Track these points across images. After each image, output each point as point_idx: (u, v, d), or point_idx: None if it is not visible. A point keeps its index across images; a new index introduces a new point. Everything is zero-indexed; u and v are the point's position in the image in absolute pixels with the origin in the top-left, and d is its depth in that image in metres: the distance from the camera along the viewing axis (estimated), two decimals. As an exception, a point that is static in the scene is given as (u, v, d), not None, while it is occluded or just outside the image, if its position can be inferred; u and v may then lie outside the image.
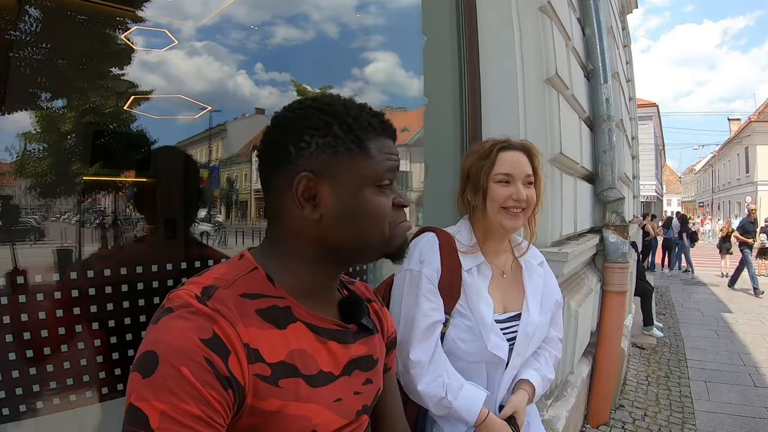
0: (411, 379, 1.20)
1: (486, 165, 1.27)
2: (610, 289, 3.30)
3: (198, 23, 1.78)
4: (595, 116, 3.41)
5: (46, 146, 1.33)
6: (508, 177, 1.26)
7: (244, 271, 0.74)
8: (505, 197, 1.25)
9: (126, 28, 1.50)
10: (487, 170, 1.27)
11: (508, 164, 1.27)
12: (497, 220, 1.27)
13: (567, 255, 2.25)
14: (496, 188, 1.27)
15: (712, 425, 3.41)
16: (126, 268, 1.27)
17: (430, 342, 1.21)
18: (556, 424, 2.33)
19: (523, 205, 1.26)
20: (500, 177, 1.26)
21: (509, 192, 1.25)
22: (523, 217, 1.28)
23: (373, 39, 2.48)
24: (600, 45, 3.36)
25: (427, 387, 1.19)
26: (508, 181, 1.26)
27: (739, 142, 28.42)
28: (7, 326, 1.09)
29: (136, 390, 0.61)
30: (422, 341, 1.20)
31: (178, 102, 1.67)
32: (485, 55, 2.28)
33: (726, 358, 5.01)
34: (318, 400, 0.73)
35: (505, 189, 1.26)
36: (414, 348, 1.20)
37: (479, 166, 1.29)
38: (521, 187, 1.26)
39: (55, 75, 1.36)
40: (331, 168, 0.73)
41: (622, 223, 3.35)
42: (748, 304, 8.13)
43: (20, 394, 1.10)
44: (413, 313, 1.21)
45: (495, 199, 1.26)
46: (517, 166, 1.27)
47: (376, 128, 0.76)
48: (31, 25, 1.29)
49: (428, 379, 1.20)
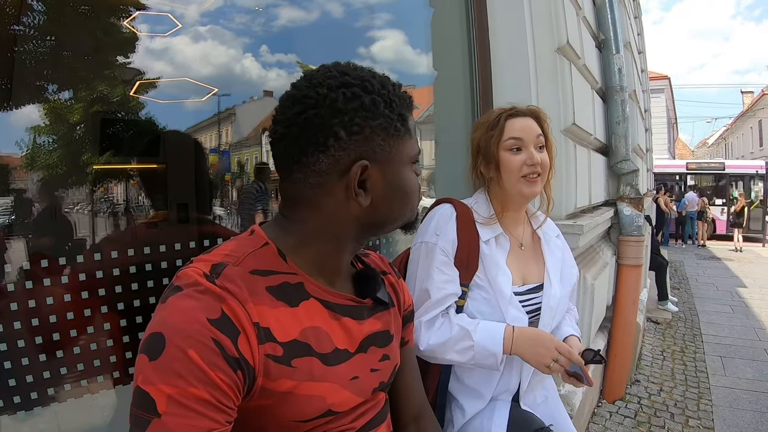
0: (423, 340, 1.18)
1: (495, 134, 1.26)
2: (626, 263, 3.27)
3: (202, 7, 1.75)
4: (607, 87, 3.35)
5: (56, 138, 1.32)
6: (518, 142, 1.24)
7: (254, 247, 0.72)
8: (519, 165, 1.24)
9: (129, 15, 1.48)
10: (496, 139, 1.25)
11: (517, 130, 1.25)
12: (516, 189, 1.25)
13: (582, 227, 2.22)
14: (509, 157, 1.25)
15: (729, 400, 3.39)
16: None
17: (434, 312, 1.20)
18: (573, 400, 2.33)
19: (539, 169, 1.24)
20: (510, 143, 1.25)
21: (522, 158, 1.24)
22: (541, 182, 1.26)
23: (378, 17, 2.44)
24: (611, 14, 3.29)
25: (441, 337, 1.18)
26: (519, 147, 1.24)
27: (753, 115, 27.85)
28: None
29: (143, 372, 0.59)
30: (427, 311, 1.20)
31: (185, 86, 1.66)
32: (495, 25, 2.23)
33: (741, 333, 4.97)
34: (333, 379, 0.72)
35: (517, 156, 1.24)
36: (417, 316, 1.19)
37: (488, 137, 1.27)
38: (534, 151, 1.24)
39: (60, 67, 1.35)
40: (384, 152, 0.71)
41: (636, 196, 3.31)
42: (763, 278, 8.04)
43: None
44: (426, 286, 1.20)
45: (510, 169, 1.25)
46: (527, 130, 1.25)
47: (408, 103, 0.75)
48: (34, 19, 1.28)
49: (440, 333, 1.18)
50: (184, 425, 0.58)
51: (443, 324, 1.20)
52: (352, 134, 0.68)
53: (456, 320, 1.20)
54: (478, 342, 1.16)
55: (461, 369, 1.27)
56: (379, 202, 0.72)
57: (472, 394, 1.26)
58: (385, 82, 0.73)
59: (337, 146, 0.68)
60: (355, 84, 0.69)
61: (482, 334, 1.17)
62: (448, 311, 1.21)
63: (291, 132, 0.69)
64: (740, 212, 11.76)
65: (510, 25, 2.23)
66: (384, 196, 0.73)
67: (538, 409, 1.32)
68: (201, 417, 0.59)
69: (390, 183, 0.73)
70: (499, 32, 2.23)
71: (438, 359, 1.21)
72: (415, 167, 0.78)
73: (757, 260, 10.11)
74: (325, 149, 0.68)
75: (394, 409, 0.91)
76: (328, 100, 0.68)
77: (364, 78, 0.71)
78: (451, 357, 1.19)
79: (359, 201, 0.71)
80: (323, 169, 0.69)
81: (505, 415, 1.22)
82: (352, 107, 0.68)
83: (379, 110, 0.69)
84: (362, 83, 0.70)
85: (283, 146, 0.71)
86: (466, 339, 1.17)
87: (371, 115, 0.69)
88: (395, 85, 0.74)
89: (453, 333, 1.17)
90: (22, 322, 1.09)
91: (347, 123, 0.68)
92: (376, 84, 0.71)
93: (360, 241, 0.80)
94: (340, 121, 0.68)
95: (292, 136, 0.69)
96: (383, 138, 0.71)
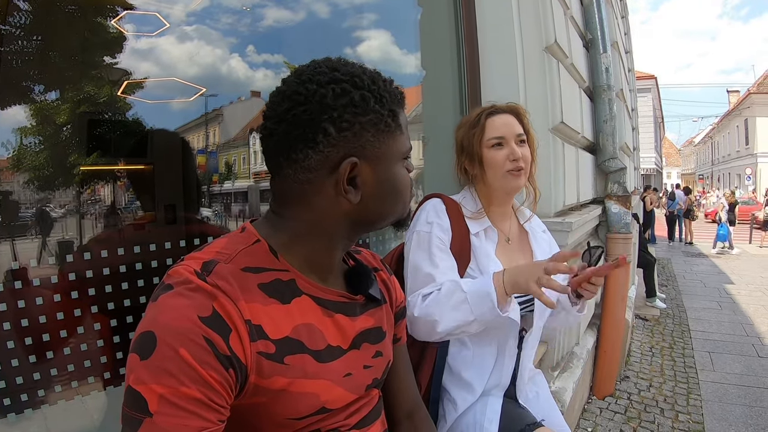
0: (418, 306, 1.16)
1: (477, 132, 1.30)
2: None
3: (188, 7, 1.74)
4: (595, 86, 3.38)
5: (42, 139, 1.31)
6: (500, 139, 1.28)
7: (246, 244, 0.71)
8: (502, 160, 1.27)
9: (116, 14, 1.47)
10: (478, 138, 1.29)
11: (497, 127, 1.29)
12: (500, 184, 1.29)
13: (571, 225, 2.24)
14: (491, 153, 1.29)
15: (718, 395, 3.43)
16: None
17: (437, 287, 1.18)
18: (563, 396, 2.34)
19: (521, 164, 1.27)
20: (493, 141, 1.29)
21: (505, 154, 1.27)
22: (524, 175, 1.30)
23: (367, 16, 2.44)
24: (599, 14, 3.32)
25: (433, 300, 1.15)
26: (501, 143, 1.28)
27: (739, 114, 28.27)
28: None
29: (134, 372, 0.59)
30: (430, 287, 1.19)
31: (172, 86, 1.65)
32: (483, 24, 2.25)
33: (729, 328, 5.03)
34: (326, 376, 0.72)
35: (499, 152, 1.28)
36: (423, 290, 1.18)
37: (470, 135, 1.31)
38: (515, 146, 1.28)
39: (47, 67, 1.33)
40: (374, 148, 0.71)
41: (624, 194, 3.35)
42: (750, 275, 8.14)
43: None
44: (429, 271, 1.20)
45: (493, 165, 1.28)
46: (507, 127, 1.29)
47: (399, 99, 0.74)
48: (20, 18, 1.26)
49: (431, 297, 1.16)
50: (176, 425, 0.57)
51: (432, 291, 1.18)
52: (341, 130, 0.68)
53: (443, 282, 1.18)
54: (469, 290, 1.12)
55: (455, 360, 1.28)
56: (369, 199, 0.72)
57: (464, 387, 1.26)
58: (376, 78, 0.72)
59: (326, 142, 0.68)
60: (345, 80, 0.69)
61: (471, 284, 1.14)
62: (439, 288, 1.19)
63: (280, 128, 0.69)
64: (731, 209, 12.00)
65: (498, 24, 2.25)
66: (374, 193, 0.72)
67: (530, 404, 1.34)
68: (193, 416, 0.58)
69: (380, 179, 0.72)
70: (488, 31, 2.25)
71: (438, 323, 1.14)
72: (407, 163, 0.77)
73: (744, 257, 10.24)
74: (314, 145, 0.68)
75: (387, 405, 0.92)
76: (317, 96, 0.67)
77: (354, 74, 0.70)
78: (449, 316, 1.13)
79: (349, 198, 0.70)
80: (312, 166, 0.69)
81: (497, 409, 1.23)
82: (341, 103, 0.67)
83: (369, 106, 0.69)
84: (352, 79, 0.69)
85: (272, 142, 0.71)
86: (457, 291, 1.13)
87: (360, 110, 0.68)
88: (386, 81, 0.73)
89: (442, 291, 1.15)
90: (12, 324, 1.07)
91: (336, 119, 0.67)
92: (366, 80, 0.70)
93: (351, 238, 0.79)
94: (329, 117, 0.67)
95: (282, 132, 0.69)
96: (373, 134, 0.70)
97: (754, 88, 26.30)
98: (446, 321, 1.13)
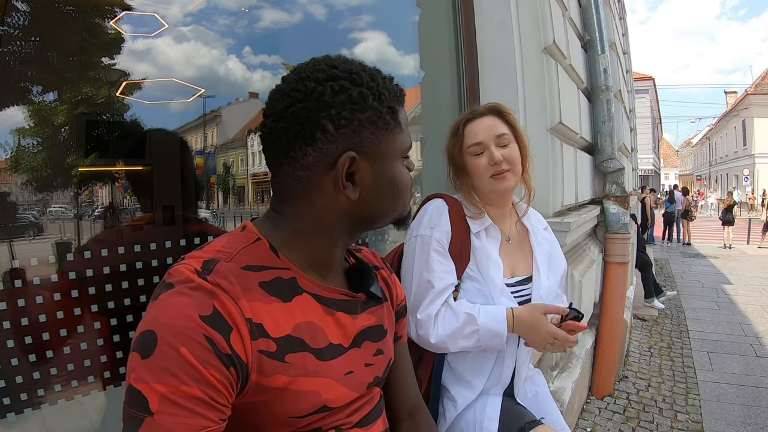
0: (425, 336, 1.20)
1: (457, 143, 1.31)
2: (612, 260, 3.31)
3: (186, 8, 1.74)
4: (593, 87, 3.39)
5: (41, 140, 1.30)
6: (479, 146, 1.27)
7: (246, 243, 0.71)
8: (484, 167, 1.27)
9: (114, 15, 1.47)
10: (459, 147, 1.30)
11: (475, 134, 1.28)
12: (488, 189, 1.29)
13: (569, 225, 2.24)
14: (473, 161, 1.29)
15: (716, 395, 3.44)
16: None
17: (438, 302, 1.21)
18: (562, 396, 2.35)
19: (504, 166, 1.26)
20: (473, 149, 1.28)
21: (485, 160, 1.27)
22: (512, 175, 1.28)
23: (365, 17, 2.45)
24: (597, 15, 3.32)
25: (449, 327, 1.20)
26: (482, 150, 1.27)
27: (736, 115, 28.35)
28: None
29: (135, 371, 0.59)
30: (431, 303, 1.21)
31: (170, 87, 1.65)
32: (482, 25, 2.25)
33: (727, 329, 5.04)
34: (328, 374, 0.72)
35: (480, 159, 1.28)
36: (423, 309, 1.20)
37: (452, 145, 1.32)
38: (494, 149, 1.26)
39: (45, 68, 1.33)
40: (372, 145, 0.70)
41: (622, 194, 3.35)
42: (748, 275, 8.16)
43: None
44: (428, 276, 1.21)
45: (476, 173, 1.28)
46: (485, 131, 1.28)
47: (398, 96, 0.74)
48: (18, 19, 1.26)
49: (447, 323, 1.20)
50: (177, 424, 0.57)
51: (446, 313, 1.21)
52: (340, 127, 0.68)
53: (458, 307, 1.22)
54: (482, 325, 1.19)
55: (455, 359, 1.28)
56: (368, 196, 0.72)
57: (464, 385, 1.27)
58: (375, 75, 0.72)
59: (325, 139, 0.68)
60: (343, 77, 0.68)
61: (485, 317, 1.20)
62: (448, 301, 1.23)
63: (279, 125, 0.69)
64: (728, 209, 12.00)
65: (497, 25, 2.25)
66: (373, 190, 0.72)
67: (529, 403, 1.34)
68: (194, 415, 0.58)
69: (379, 176, 0.72)
70: (487, 32, 2.25)
71: (448, 349, 1.23)
72: (407, 162, 0.77)
73: (742, 257, 10.26)
74: (313, 142, 0.68)
75: (388, 404, 0.92)
76: (315, 93, 0.67)
77: (353, 71, 0.70)
78: (459, 343, 1.21)
79: (347, 194, 0.70)
80: (311, 163, 0.69)
81: (497, 408, 1.23)
82: (339, 100, 0.67)
83: (368, 103, 0.69)
84: (350, 76, 0.69)
85: (272, 140, 0.70)
86: (472, 323, 1.19)
87: (359, 107, 0.68)
88: (386, 78, 0.73)
89: (459, 321, 1.20)
90: (11, 323, 1.07)
91: (334, 116, 0.67)
92: (365, 76, 0.70)
93: (352, 236, 0.79)
94: (328, 115, 0.67)
95: (280, 129, 0.69)
96: (372, 131, 0.70)
97: (752, 89, 26.41)
98: (455, 347, 1.22)
